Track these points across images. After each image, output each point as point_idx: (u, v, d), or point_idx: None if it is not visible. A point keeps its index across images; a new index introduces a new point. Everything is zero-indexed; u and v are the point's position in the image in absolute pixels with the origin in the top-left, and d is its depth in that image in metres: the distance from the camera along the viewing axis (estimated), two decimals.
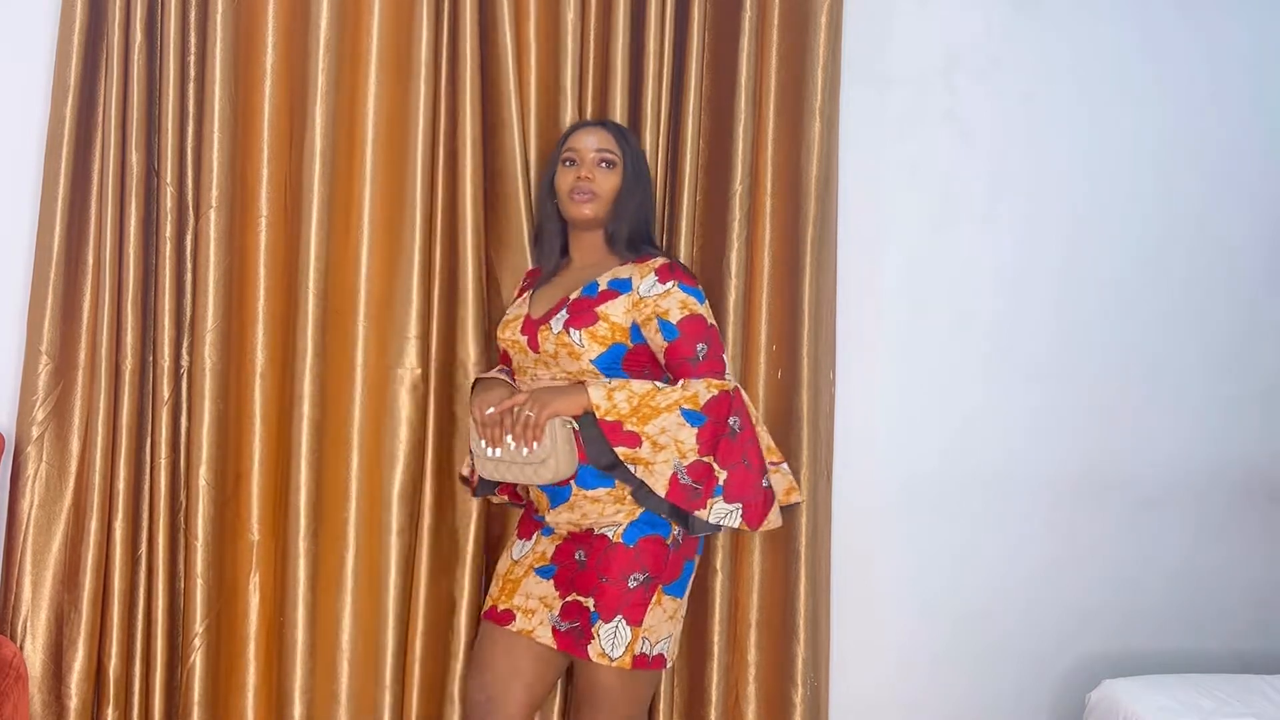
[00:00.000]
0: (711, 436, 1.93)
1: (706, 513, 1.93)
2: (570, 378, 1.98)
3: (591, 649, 1.91)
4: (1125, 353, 2.67)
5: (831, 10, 2.37)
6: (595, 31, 2.32)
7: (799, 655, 2.37)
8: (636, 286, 1.99)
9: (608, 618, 1.91)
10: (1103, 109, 2.64)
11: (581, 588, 1.95)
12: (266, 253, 2.21)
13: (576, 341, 1.96)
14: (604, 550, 1.94)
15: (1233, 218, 2.71)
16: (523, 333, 2.04)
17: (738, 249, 2.35)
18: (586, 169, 2.05)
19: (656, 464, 1.90)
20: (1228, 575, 2.73)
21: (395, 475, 2.21)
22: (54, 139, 2.15)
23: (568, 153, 2.09)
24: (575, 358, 1.96)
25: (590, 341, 1.96)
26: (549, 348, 1.98)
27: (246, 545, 2.22)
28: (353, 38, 2.22)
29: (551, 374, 2.00)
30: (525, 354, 2.03)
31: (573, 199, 2.05)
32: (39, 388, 2.15)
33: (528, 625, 1.99)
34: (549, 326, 1.99)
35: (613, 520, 1.96)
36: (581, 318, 1.97)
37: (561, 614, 1.96)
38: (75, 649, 2.14)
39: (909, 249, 2.58)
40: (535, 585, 2.01)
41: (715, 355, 1.99)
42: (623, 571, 1.93)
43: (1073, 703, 2.57)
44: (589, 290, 2.01)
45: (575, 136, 2.10)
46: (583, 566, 1.96)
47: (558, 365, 1.99)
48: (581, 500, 1.96)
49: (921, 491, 2.59)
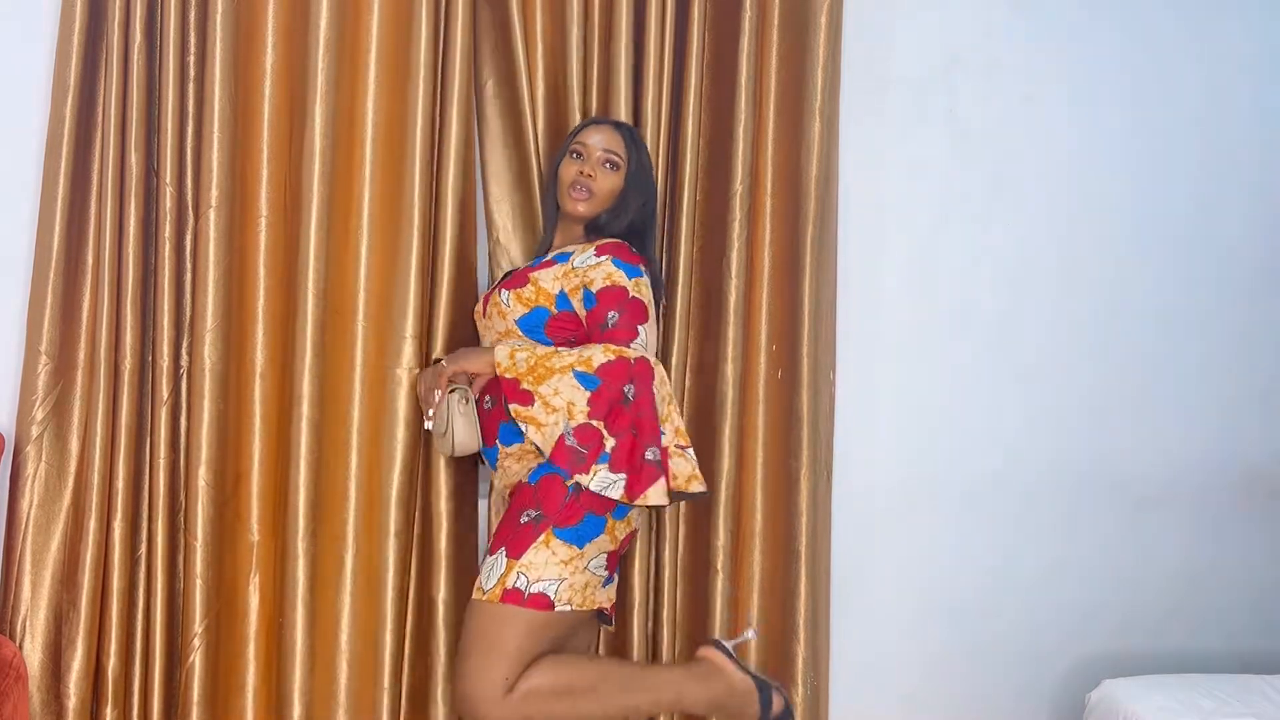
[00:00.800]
0: (604, 401, 1.90)
1: (589, 478, 1.88)
2: (499, 337, 2.08)
3: (475, 585, 1.92)
4: (1125, 353, 2.67)
5: (831, 10, 2.37)
6: (597, 32, 2.32)
7: (799, 655, 2.37)
8: (574, 259, 2.04)
9: (493, 551, 1.93)
10: (1102, 109, 2.65)
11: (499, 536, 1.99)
12: (266, 253, 2.21)
13: (504, 301, 2.06)
14: (516, 493, 2.00)
15: (1232, 218, 2.72)
16: (482, 302, 2.16)
17: (738, 249, 2.35)
18: (590, 166, 2.10)
19: (547, 425, 1.90)
20: (1228, 575, 2.73)
21: (394, 476, 2.21)
22: (54, 139, 2.15)
23: (576, 145, 2.13)
24: (503, 317, 2.07)
25: (515, 302, 2.05)
26: (492, 311, 2.10)
27: (246, 545, 2.22)
28: (352, 38, 2.21)
29: (490, 337, 2.11)
30: (479, 319, 2.17)
31: (571, 193, 2.11)
32: (38, 387, 2.15)
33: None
34: (498, 292, 2.10)
35: (524, 468, 2.00)
36: (516, 281, 2.08)
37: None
38: (74, 648, 2.14)
39: (909, 249, 2.58)
40: None
41: (627, 324, 1.95)
42: (520, 508, 1.93)
43: (1073, 703, 2.57)
44: (535, 262, 2.12)
45: (586, 131, 2.15)
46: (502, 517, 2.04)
47: (492, 328, 2.10)
48: (507, 460, 2.03)
49: (921, 491, 2.59)
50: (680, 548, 2.42)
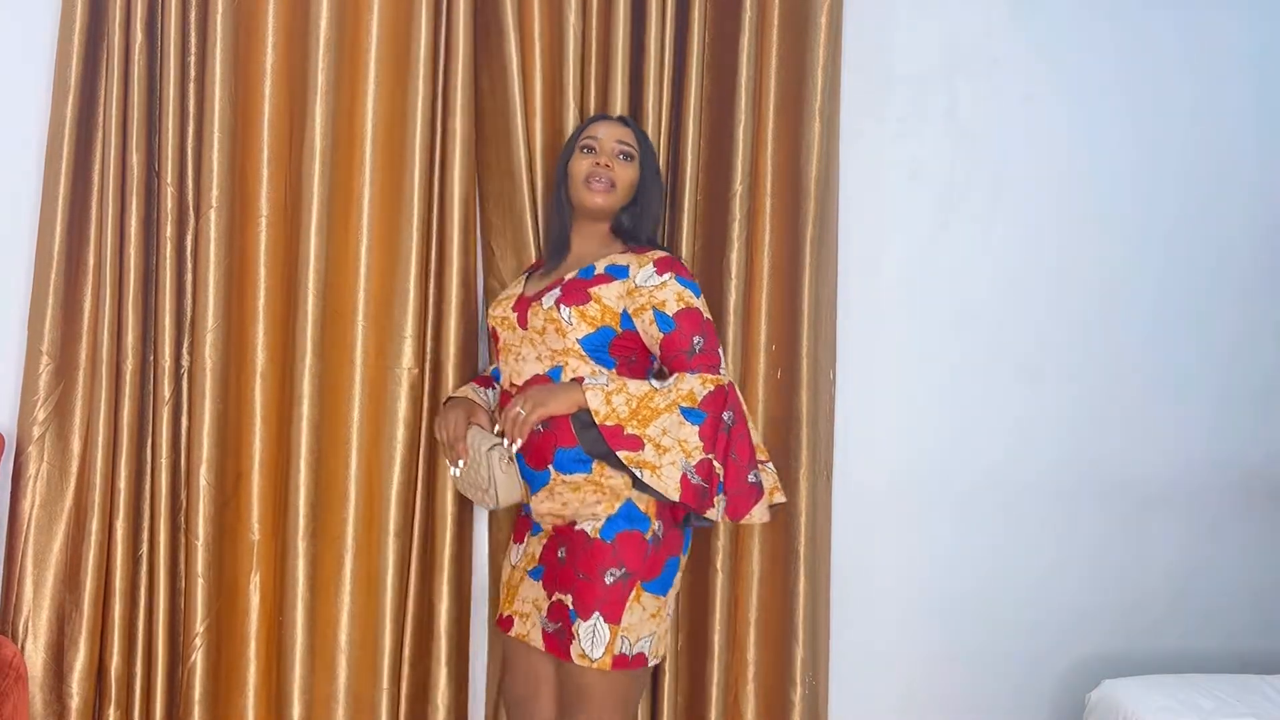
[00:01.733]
0: (711, 433, 1.89)
1: (716, 511, 1.91)
2: (555, 356, 1.95)
3: (573, 649, 1.89)
4: (1125, 353, 2.67)
5: (831, 10, 2.37)
6: (596, 31, 2.32)
7: (798, 655, 2.37)
8: (633, 275, 1.96)
9: (585, 615, 1.89)
10: (1101, 109, 2.64)
11: (563, 585, 1.93)
12: (266, 253, 2.22)
13: (565, 318, 1.93)
14: (582, 547, 1.91)
15: (1232, 217, 2.71)
16: (514, 309, 2.02)
17: (738, 249, 2.35)
18: (606, 157, 2.03)
19: (663, 467, 1.86)
20: (1227, 575, 2.73)
21: (394, 476, 2.21)
22: (54, 139, 2.15)
23: (587, 140, 2.06)
24: (561, 335, 1.93)
25: (579, 320, 1.93)
26: (537, 323, 1.96)
27: (247, 545, 2.22)
28: (352, 37, 2.22)
29: (537, 352, 1.97)
30: (513, 330, 2.01)
31: (589, 185, 2.02)
32: (40, 388, 2.16)
33: (523, 630, 1.99)
34: (540, 302, 1.97)
35: (592, 513, 1.92)
36: (573, 296, 1.95)
37: (548, 615, 1.94)
38: (76, 648, 2.15)
39: (909, 249, 2.58)
40: (529, 588, 2.01)
41: (711, 349, 1.96)
42: (600, 567, 1.89)
43: (1073, 703, 2.57)
44: (585, 272, 1.99)
45: (595, 126, 2.09)
46: (563, 563, 1.94)
47: (544, 343, 1.96)
48: (560, 486, 1.93)
49: (921, 491, 2.60)
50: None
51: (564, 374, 1.94)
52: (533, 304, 1.98)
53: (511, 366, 2.01)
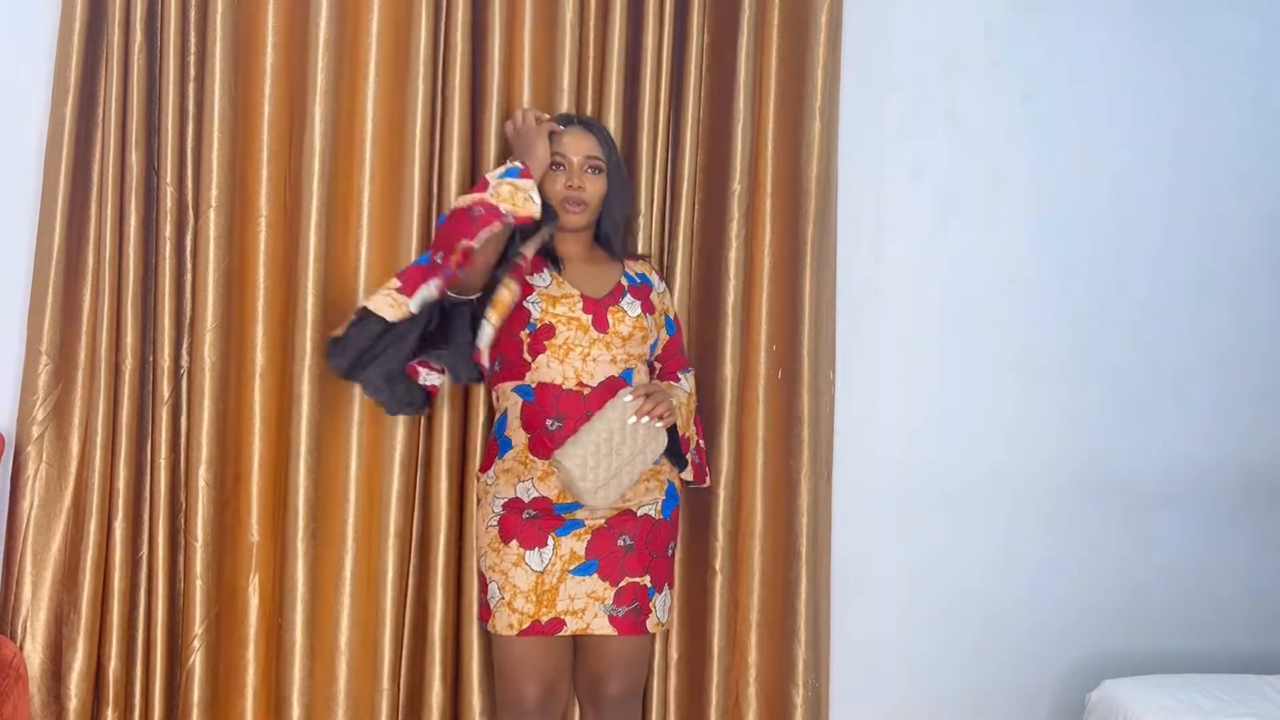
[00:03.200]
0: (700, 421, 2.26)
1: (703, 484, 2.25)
2: (629, 359, 2.05)
3: (650, 622, 2.04)
4: (1125, 352, 2.67)
5: (831, 10, 2.37)
6: (594, 31, 2.32)
7: (800, 656, 2.37)
8: (654, 284, 2.17)
9: (659, 589, 2.07)
10: (1102, 109, 2.65)
11: (635, 569, 2.02)
12: (266, 253, 2.21)
13: (649, 326, 2.09)
14: (650, 529, 2.06)
15: (1233, 217, 2.72)
16: (585, 311, 2.03)
17: (736, 249, 2.36)
18: (576, 178, 2.06)
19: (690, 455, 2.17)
20: (1228, 575, 2.73)
21: (393, 477, 2.21)
22: (54, 139, 2.15)
23: (556, 157, 2.06)
24: (645, 341, 2.08)
25: (654, 328, 2.12)
26: (623, 329, 2.04)
27: (246, 546, 2.22)
28: (352, 37, 2.21)
29: (612, 355, 2.02)
30: (585, 331, 2.01)
31: (565, 209, 2.06)
32: (39, 388, 2.15)
33: (581, 624, 1.99)
34: (621, 309, 2.05)
35: (652, 499, 2.06)
36: (648, 305, 2.11)
37: (616, 600, 2.00)
38: (75, 649, 2.14)
39: (909, 249, 2.58)
40: (576, 585, 1.99)
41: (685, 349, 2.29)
42: (666, 544, 2.10)
43: (1073, 703, 2.57)
44: (631, 280, 2.12)
45: (562, 141, 2.07)
46: (631, 550, 2.02)
47: (624, 347, 2.04)
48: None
49: (921, 491, 2.60)
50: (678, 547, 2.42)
51: (635, 376, 2.06)
52: (610, 308, 2.04)
53: (577, 365, 2.00)
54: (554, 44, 2.28)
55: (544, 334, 2.02)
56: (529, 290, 2.02)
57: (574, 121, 2.13)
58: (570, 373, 2.00)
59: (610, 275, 2.11)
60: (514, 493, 2.01)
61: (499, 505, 2.02)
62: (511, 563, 2.00)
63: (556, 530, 2.00)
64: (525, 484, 2.01)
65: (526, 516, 2.01)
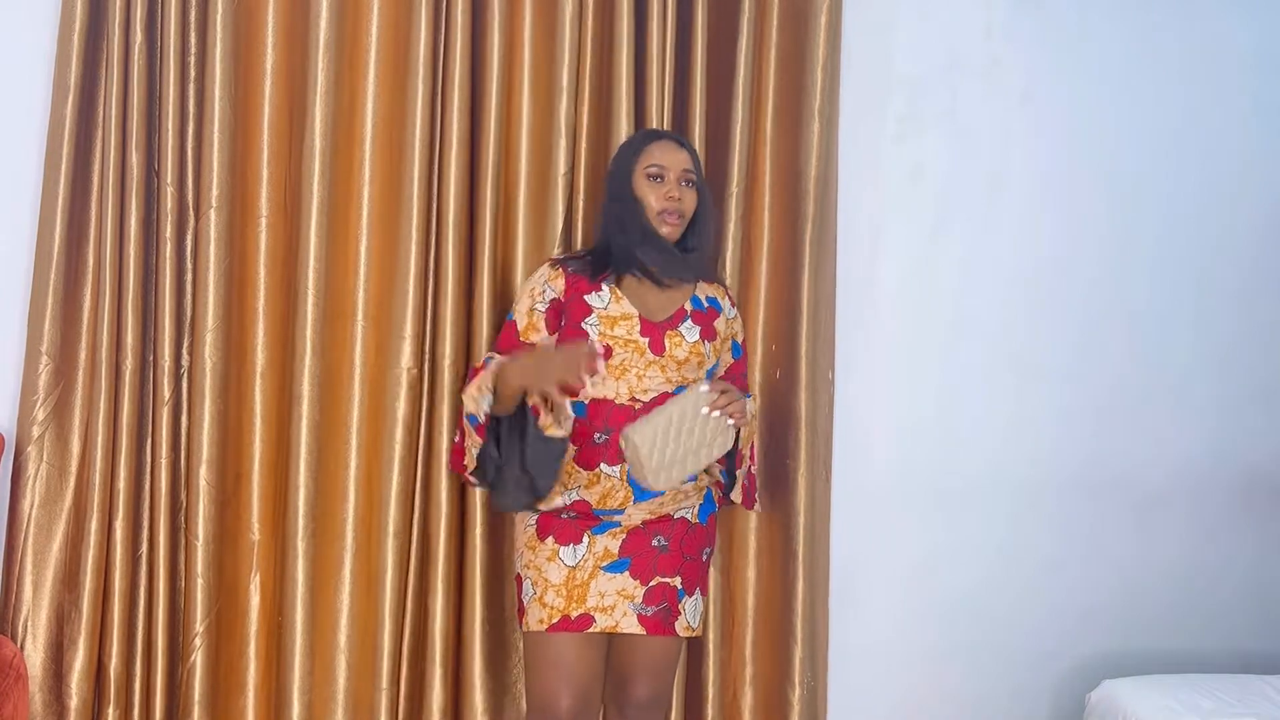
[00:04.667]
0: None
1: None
2: (684, 380, 2.01)
3: (679, 625, 2.04)
4: (1125, 352, 2.67)
5: (831, 10, 2.37)
6: (593, 32, 2.32)
7: (796, 655, 2.37)
8: (725, 310, 2.14)
9: (690, 592, 2.06)
10: (1102, 109, 2.64)
11: (666, 570, 2.02)
12: (266, 253, 2.22)
13: (707, 353, 2.06)
14: (685, 532, 2.06)
15: (1233, 217, 2.72)
16: (642, 334, 2.01)
17: (733, 249, 2.36)
18: (674, 189, 2.04)
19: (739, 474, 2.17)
20: (1228, 575, 2.73)
21: (393, 476, 2.21)
22: (54, 139, 2.15)
23: (653, 167, 2.04)
24: (701, 366, 2.06)
25: (713, 354, 2.08)
26: (680, 354, 2.02)
27: (247, 545, 2.22)
28: (352, 37, 2.22)
29: (667, 376, 2.00)
30: (641, 354, 2.00)
31: (664, 219, 2.03)
32: (39, 388, 2.16)
33: (610, 621, 1.99)
34: (680, 334, 2.03)
35: (690, 503, 2.07)
36: (709, 331, 2.07)
37: (645, 600, 2.00)
38: (76, 648, 2.15)
39: (908, 249, 2.58)
40: (607, 582, 1.99)
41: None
42: (701, 548, 2.09)
43: (1073, 703, 2.57)
44: (697, 304, 2.09)
45: (658, 151, 2.06)
46: (664, 550, 2.03)
47: (678, 371, 2.02)
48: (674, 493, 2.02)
49: (920, 491, 2.59)
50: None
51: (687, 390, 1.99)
52: (669, 333, 2.02)
53: (632, 384, 1.99)
54: (553, 44, 2.29)
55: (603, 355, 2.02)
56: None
57: (664, 135, 2.12)
58: (624, 389, 2.00)
59: (678, 296, 2.07)
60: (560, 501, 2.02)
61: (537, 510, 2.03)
62: (545, 558, 2.01)
63: (593, 529, 2.02)
64: (569, 492, 2.00)
65: (565, 516, 2.03)
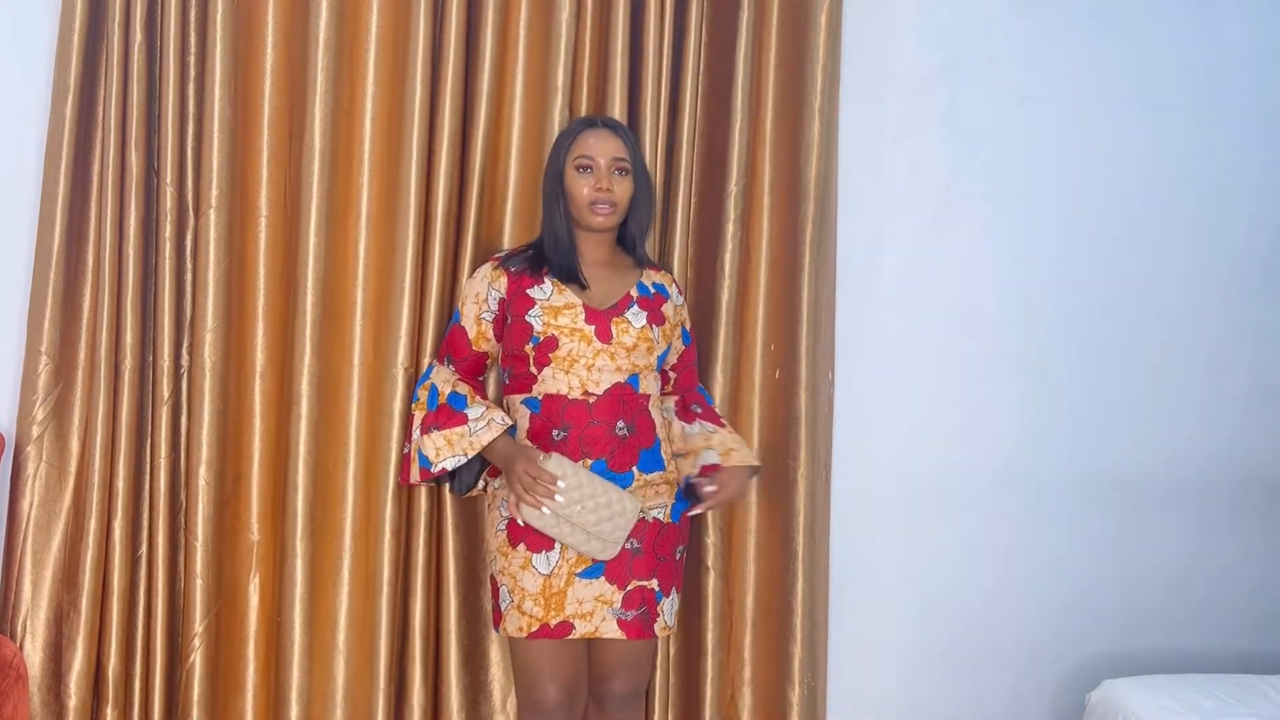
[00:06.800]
0: None
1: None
2: (634, 368, 2.02)
3: (658, 626, 2.03)
4: (1125, 352, 2.67)
5: (831, 10, 2.37)
6: (590, 31, 2.32)
7: (796, 655, 2.37)
8: (673, 295, 2.14)
9: (667, 592, 2.05)
10: (1102, 109, 2.64)
11: (642, 573, 2.01)
12: (266, 253, 2.22)
13: (655, 338, 2.05)
14: (658, 533, 2.04)
15: (1233, 217, 2.71)
16: (588, 322, 2.01)
17: (732, 250, 2.36)
18: (604, 179, 2.02)
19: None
20: (1228, 575, 2.73)
21: (390, 476, 2.21)
22: (54, 139, 2.15)
23: (582, 159, 2.03)
24: (650, 352, 2.05)
25: (662, 339, 2.07)
26: (627, 340, 2.01)
27: (246, 545, 2.22)
28: (352, 37, 2.22)
29: (617, 364, 2.00)
30: (588, 343, 2.00)
31: (594, 211, 2.02)
32: (39, 387, 2.16)
33: (589, 627, 1.97)
34: (626, 320, 2.02)
35: (661, 503, 2.05)
36: (657, 316, 2.07)
37: (624, 604, 1.99)
38: (75, 648, 2.14)
39: (908, 249, 2.58)
40: (584, 589, 1.97)
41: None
42: (674, 547, 2.08)
43: (1073, 703, 2.57)
44: (643, 290, 2.08)
45: (587, 142, 2.04)
46: (638, 553, 2.01)
47: (628, 357, 2.01)
48: (644, 487, 2.02)
49: (920, 491, 2.59)
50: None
51: (641, 381, 2.04)
52: (615, 319, 2.02)
53: (582, 376, 1.99)
54: (549, 43, 2.28)
55: (548, 346, 2.01)
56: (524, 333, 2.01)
57: (597, 123, 2.09)
58: (576, 383, 1.99)
59: (624, 284, 2.08)
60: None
61: (507, 510, 2.02)
62: (519, 566, 1.99)
63: None
64: None
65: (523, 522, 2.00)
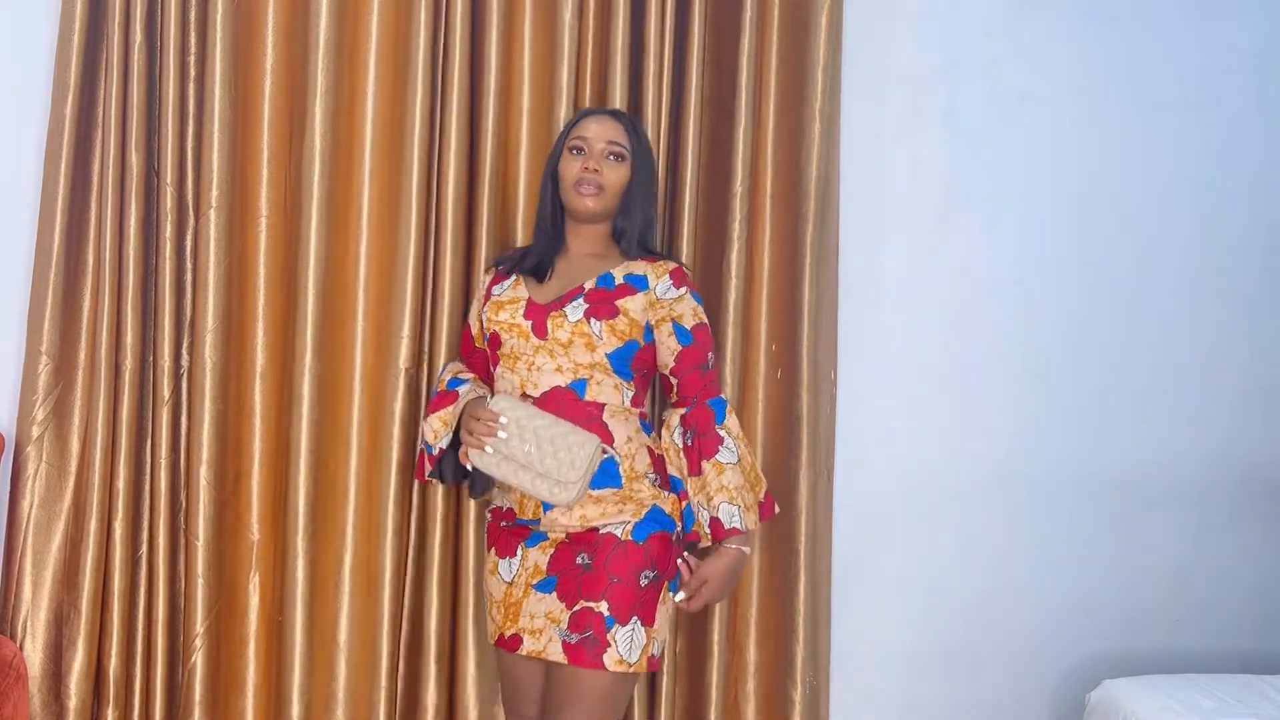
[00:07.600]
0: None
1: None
2: (579, 369, 1.91)
3: (608, 657, 1.82)
4: (1125, 352, 2.67)
5: (832, 10, 2.37)
6: (593, 31, 2.32)
7: (798, 655, 2.37)
8: (653, 287, 1.96)
9: (624, 620, 1.84)
10: (1102, 109, 2.64)
11: (590, 592, 1.85)
12: (266, 253, 2.21)
13: (595, 333, 1.90)
14: (612, 548, 1.87)
15: (1232, 217, 2.71)
16: (526, 317, 1.94)
17: (738, 250, 2.36)
18: (594, 160, 1.95)
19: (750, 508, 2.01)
20: (1228, 575, 2.73)
21: (391, 475, 2.21)
22: (54, 139, 2.15)
23: (575, 140, 1.98)
24: (590, 349, 1.90)
25: (609, 334, 1.91)
26: (562, 336, 1.90)
27: (246, 545, 2.22)
28: (352, 37, 2.22)
29: (557, 364, 1.91)
30: (526, 339, 1.93)
31: (578, 191, 1.95)
32: (39, 387, 2.15)
33: (537, 646, 1.88)
34: (563, 314, 1.91)
35: (621, 520, 1.90)
36: (601, 309, 1.91)
37: (570, 626, 1.85)
38: (75, 649, 2.14)
39: (909, 249, 2.58)
40: (537, 603, 1.89)
41: (716, 368, 2.07)
42: (634, 570, 1.86)
43: (1073, 703, 2.57)
44: (605, 282, 1.95)
45: (584, 124, 2.00)
46: (588, 569, 1.87)
47: (566, 355, 1.91)
48: (586, 501, 1.89)
49: (921, 491, 2.59)
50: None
51: (589, 388, 1.91)
52: (552, 313, 1.92)
53: (523, 375, 1.93)
54: (553, 44, 2.28)
55: (494, 343, 1.99)
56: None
57: (599, 111, 2.06)
58: (518, 382, 1.94)
59: (586, 275, 1.97)
60: (499, 501, 2.02)
61: (488, 513, 2.03)
62: (489, 570, 1.99)
63: (525, 541, 1.94)
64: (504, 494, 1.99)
65: (503, 526, 1.99)
